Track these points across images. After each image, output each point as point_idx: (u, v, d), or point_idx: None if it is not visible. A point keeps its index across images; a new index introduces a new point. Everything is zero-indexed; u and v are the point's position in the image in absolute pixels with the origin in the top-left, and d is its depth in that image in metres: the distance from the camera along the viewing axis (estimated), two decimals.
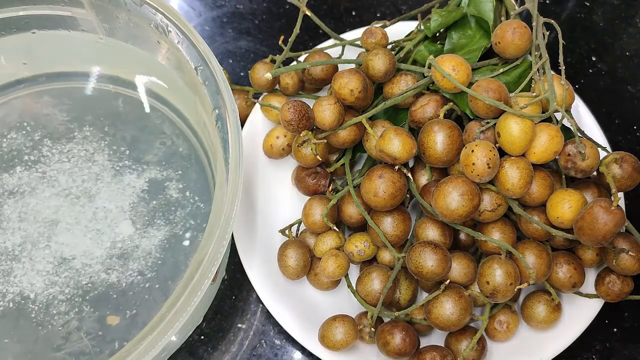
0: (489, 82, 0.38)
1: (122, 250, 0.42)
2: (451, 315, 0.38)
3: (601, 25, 0.59)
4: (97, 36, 0.45)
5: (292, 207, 0.46)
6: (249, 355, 0.44)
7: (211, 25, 0.58)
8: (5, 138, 0.45)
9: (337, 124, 0.40)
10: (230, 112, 0.37)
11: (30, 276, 0.40)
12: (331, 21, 0.58)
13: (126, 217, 0.43)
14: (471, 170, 0.37)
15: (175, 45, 0.40)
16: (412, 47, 0.45)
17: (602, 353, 0.44)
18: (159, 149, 0.45)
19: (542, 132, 0.37)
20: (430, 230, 0.40)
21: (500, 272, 0.37)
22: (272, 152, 0.46)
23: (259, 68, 0.47)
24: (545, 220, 0.39)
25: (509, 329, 0.41)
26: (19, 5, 0.43)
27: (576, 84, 0.55)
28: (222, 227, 0.34)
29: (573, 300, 0.42)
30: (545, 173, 0.39)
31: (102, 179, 0.44)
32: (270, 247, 0.44)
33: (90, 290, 0.40)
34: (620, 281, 0.40)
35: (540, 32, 0.42)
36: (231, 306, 0.45)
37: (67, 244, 0.42)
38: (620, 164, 0.39)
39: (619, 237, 0.39)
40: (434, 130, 0.38)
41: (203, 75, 0.38)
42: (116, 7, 0.42)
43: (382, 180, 0.38)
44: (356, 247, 0.41)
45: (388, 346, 0.39)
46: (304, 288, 0.44)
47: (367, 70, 0.42)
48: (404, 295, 0.41)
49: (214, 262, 0.33)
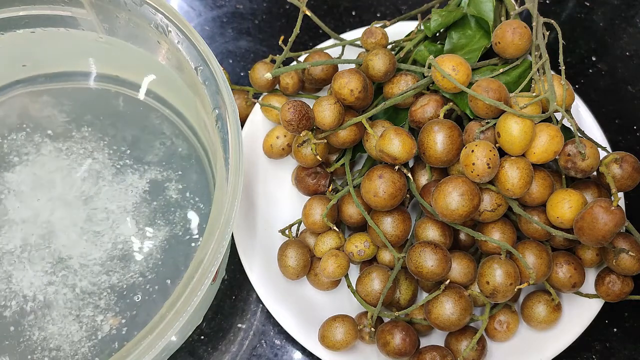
0: (489, 82, 0.38)
1: (123, 251, 0.41)
2: (451, 315, 0.38)
3: (601, 25, 0.59)
4: (97, 36, 0.45)
5: (292, 207, 0.46)
6: (249, 355, 0.44)
7: (211, 25, 0.58)
8: (5, 138, 0.45)
9: (337, 124, 0.40)
10: (230, 112, 0.37)
11: (29, 277, 0.40)
12: (331, 21, 0.58)
13: (127, 218, 0.43)
14: (471, 170, 0.37)
15: (175, 45, 0.40)
16: (412, 47, 0.45)
17: (602, 353, 0.44)
18: (159, 149, 0.45)
19: (542, 132, 0.37)
20: (430, 230, 0.40)
21: (500, 272, 0.37)
22: (272, 152, 0.45)
23: (259, 68, 0.47)
24: (545, 220, 0.39)
25: (509, 329, 0.41)
26: (19, 5, 0.43)
27: (576, 84, 0.55)
28: (222, 227, 0.34)
29: (573, 300, 0.42)
30: (545, 173, 0.39)
31: (102, 179, 0.44)
32: (270, 247, 0.44)
33: (90, 292, 0.40)
34: (620, 281, 0.40)
35: (540, 32, 0.42)
36: (231, 306, 0.45)
37: (66, 245, 0.41)
38: (620, 164, 0.39)
39: (619, 237, 0.39)
40: (434, 130, 0.38)
41: (203, 75, 0.38)
42: (116, 7, 0.42)
43: (382, 180, 0.38)
44: (356, 247, 0.41)
45: (388, 346, 0.39)
46: (304, 288, 0.44)
47: (367, 70, 0.42)
48: (404, 295, 0.41)
49: (214, 262, 0.33)
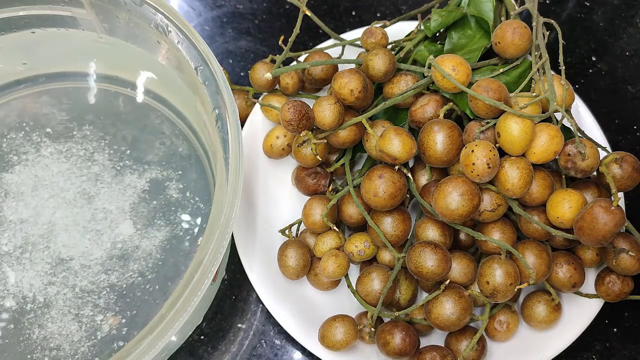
0: (489, 82, 0.38)
1: (123, 250, 0.41)
2: (451, 315, 0.38)
3: (601, 25, 0.59)
4: (97, 36, 0.45)
5: (292, 207, 0.46)
6: (249, 355, 0.44)
7: (211, 25, 0.58)
8: (5, 138, 0.45)
9: (337, 124, 0.40)
10: (230, 112, 0.37)
11: (29, 277, 0.40)
12: (331, 21, 0.58)
13: (127, 218, 0.43)
14: (471, 170, 0.36)
15: (175, 45, 0.40)
16: (412, 47, 0.45)
17: (602, 353, 0.44)
18: (159, 149, 0.45)
19: (542, 132, 0.37)
20: (430, 230, 0.40)
21: (500, 272, 0.37)
22: (272, 152, 0.45)
23: (259, 68, 0.47)
24: (545, 220, 0.39)
25: (509, 329, 0.41)
26: (19, 5, 0.43)
27: (576, 84, 0.55)
28: (222, 227, 0.34)
29: (573, 300, 0.42)
30: (545, 173, 0.39)
31: (102, 179, 0.44)
32: (270, 247, 0.44)
33: (90, 291, 0.40)
34: (620, 281, 0.40)
35: (540, 32, 0.42)
36: (231, 306, 0.45)
37: (66, 245, 0.41)
38: (620, 164, 0.39)
39: (619, 237, 0.39)
40: (434, 130, 0.38)
41: (203, 75, 0.38)
42: (116, 7, 0.42)
43: (382, 180, 0.38)
44: (356, 247, 0.41)
45: (388, 346, 0.38)
46: (304, 288, 0.44)
47: (367, 70, 0.42)
48: (404, 295, 0.41)
49: (214, 262, 0.33)
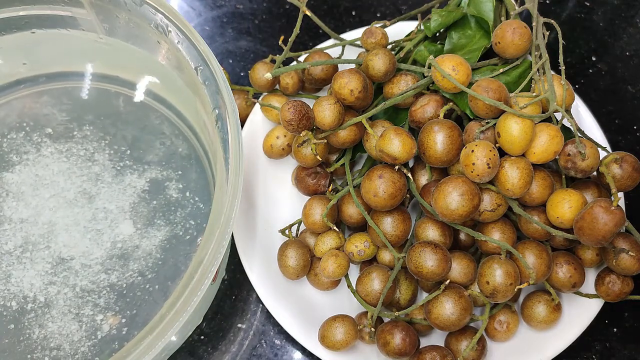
0: (489, 82, 0.38)
1: (123, 250, 0.41)
2: (451, 315, 0.38)
3: (601, 25, 0.59)
4: (97, 36, 0.45)
5: (292, 207, 0.46)
6: (249, 355, 0.44)
7: (211, 25, 0.58)
8: (6, 138, 0.45)
9: (337, 124, 0.40)
10: (230, 112, 0.37)
11: (29, 277, 0.40)
12: (331, 21, 0.58)
13: (127, 218, 0.43)
14: (471, 170, 0.36)
15: (175, 45, 0.40)
16: (412, 47, 0.45)
17: (602, 353, 0.44)
18: (159, 149, 0.45)
19: (542, 132, 0.37)
20: (430, 230, 0.40)
21: (500, 272, 0.37)
22: (272, 152, 0.45)
23: (259, 68, 0.47)
24: (545, 220, 0.39)
25: (509, 329, 0.41)
26: (19, 5, 0.43)
27: (576, 84, 0.55)
28: (222, 227, 0.34)
29: (573, 300, 0.42)
30: (545, 173, 0.39)
31: (102, 179, 0.44)
32: (270, 247, 0.44)
33: (90, 291, 0.40)
34: (620, 281, 0.40)
35: (540, 32, 0.42)
36: (231, 306, 0.45)
37: (66, 244, 0.41)
38: (620, 164, 0.39)
39: (619, 237, 0.39)
40: (434, 130, 0.38)
41: (203, 75, 0.38)
42: (116, 7, 0.42)
43: (382, 180, 0.38)
44: (356, 247, 0.41)
45: (388, 346, 0.38)
46: (304, 288, 0.44)
47: (367, 70, 0.42)
48: (404, 295, 0.41)
49: (214, 262, 0.33)
